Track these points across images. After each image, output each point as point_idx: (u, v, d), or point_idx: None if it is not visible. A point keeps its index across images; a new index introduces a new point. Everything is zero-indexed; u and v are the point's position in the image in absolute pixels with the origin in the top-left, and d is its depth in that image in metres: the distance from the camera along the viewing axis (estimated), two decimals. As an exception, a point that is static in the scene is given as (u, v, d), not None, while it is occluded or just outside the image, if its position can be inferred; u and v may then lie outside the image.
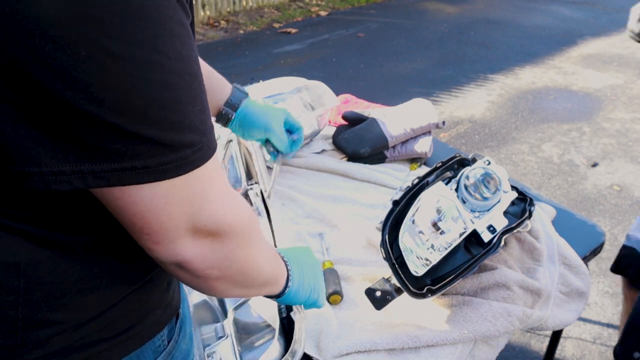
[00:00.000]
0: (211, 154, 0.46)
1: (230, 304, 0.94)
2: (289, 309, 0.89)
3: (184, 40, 0.41)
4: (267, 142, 1.16)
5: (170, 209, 0.44)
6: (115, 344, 0.55)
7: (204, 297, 1.01)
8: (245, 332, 0.95)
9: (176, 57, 0.40)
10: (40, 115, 0.37)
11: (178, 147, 0.42)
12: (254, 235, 0.56)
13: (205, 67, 0.98)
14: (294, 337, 0.80)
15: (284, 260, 0.72)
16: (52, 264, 0.49)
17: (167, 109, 0.40)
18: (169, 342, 0.63)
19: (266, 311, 0.96)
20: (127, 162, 0.40)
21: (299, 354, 0.79)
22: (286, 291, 0.71)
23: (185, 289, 0.95)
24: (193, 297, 1.00)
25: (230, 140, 1.26)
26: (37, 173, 0.39)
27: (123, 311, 0.55)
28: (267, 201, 1.09)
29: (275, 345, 0.82)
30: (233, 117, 1.06)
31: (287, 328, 0.87)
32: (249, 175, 1.25)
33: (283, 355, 0.80)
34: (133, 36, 0.37)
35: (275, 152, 1.18)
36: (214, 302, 1.00)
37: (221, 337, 0.85)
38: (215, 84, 1.04)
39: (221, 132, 1.20)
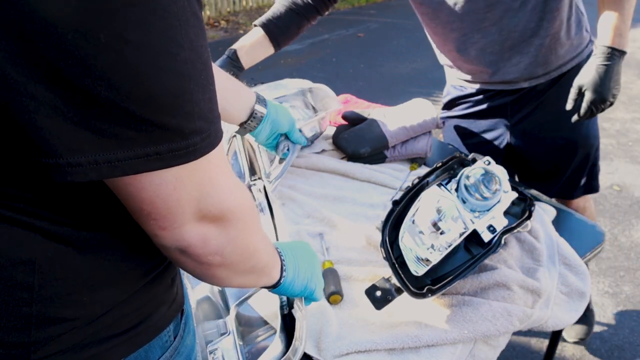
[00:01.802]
0: (218, 142, 0.47)
1: (232, 300, 0.94)
2: (291, 306, 0.89)
3: (197, 30, 0.42)
4: (277, 143, 1.20)
5: (178, 195, 0.46)
6: (124, 339, 0.56)
7: (207, 292, 1.01)
8: (247, 329, 0.95)
9: (190, 46, 0.41)
10: (58, 105, 0.38)
11: (188, 134, 0.43)
12: (255, 223, 0.58)
13: (223, 74, 1.04)
14: (295, 335, 0.80)
15: (277, 252, 0.73)
16: (66, 260, 0.49)
17: (180, 97, 0.42)
18: (175, 338, 0.63)
19: (268, 308, 0.96)
20: (140, 149, 0.41)
21: (300, 352, 0.79)
22: (281, 281, 0.72)
23: (187, 285, 0.96)
24: (196, 292, 1.00)
25: (234, 136, 1.26)
26: (53, 165, 0.40)
27: (131, 307, 0.56)
28: (270, 197, 1.10)
29: (277, 343, 0.82)
30: (264, 117, 1.12)
31: (288, 325, 0.87)
32: (252, 171, 1.25)
33: (284, 353, 0.80)
34: (149, 26, 0.38)
35: (288, 150, 1.22)
36: (217, 298, 1.01)
37: (223, 333, 0.86)
38: (240, 91, 1.10)
39: (224, 128, 1.21)
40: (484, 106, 1.53)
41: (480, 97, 1.53)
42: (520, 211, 1.02)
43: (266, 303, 0.96)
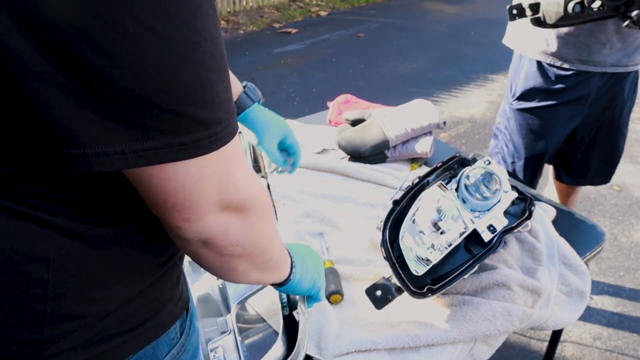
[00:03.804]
0: (235, 132, 0.48)
1: (232, 298, 0.95)
2: (292, 307, 0.89)
3: (214, 21, 0.43)
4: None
5: (202, 185, 0.46)
6: (133, 336, 0.57)
7: (207, 290, 1.01)
8: (248, 328, 0.95)
9: (210, 37, 0.42)
10: (86, 97, 0.39)
11: (210, 124, 0.44)
12: (271, 213, 0.59)
13: None
14: (298, 338, 0.80)
15: (287, 249, 0.74)
16: (80, 257, 0.50)
17: (203, 87, 0.43)
18: (181, 335, 0.64)
19: (268, 307, 0.96)
20: (165, 139, 0.42)
21: (302, 355, 0.79)
22: (291, 278, 0.73)
23: (188, 281, 0.96)
24: (195, 289, 1.00)
25: (240, 132, 1.25)
26: (81, 155, 0.40)
27: (140, 304, 0.57)
28: (274, 196, 1.09)
29: (279, 345, 0.82)
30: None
31: (289, 327, 0.88)
32: (257, 169, 1.24)
33: (286, 355, 0.80)
34: (175, 16, 0.39)
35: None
36: (217, 295, 1.00)
37: (224, 332, 0.86)
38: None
39: None
40: (567, 95, 1.56)
41: (565, 84, 1.55)
42: (520, 211, 1.02)
43: (266, 302, 0.96)
